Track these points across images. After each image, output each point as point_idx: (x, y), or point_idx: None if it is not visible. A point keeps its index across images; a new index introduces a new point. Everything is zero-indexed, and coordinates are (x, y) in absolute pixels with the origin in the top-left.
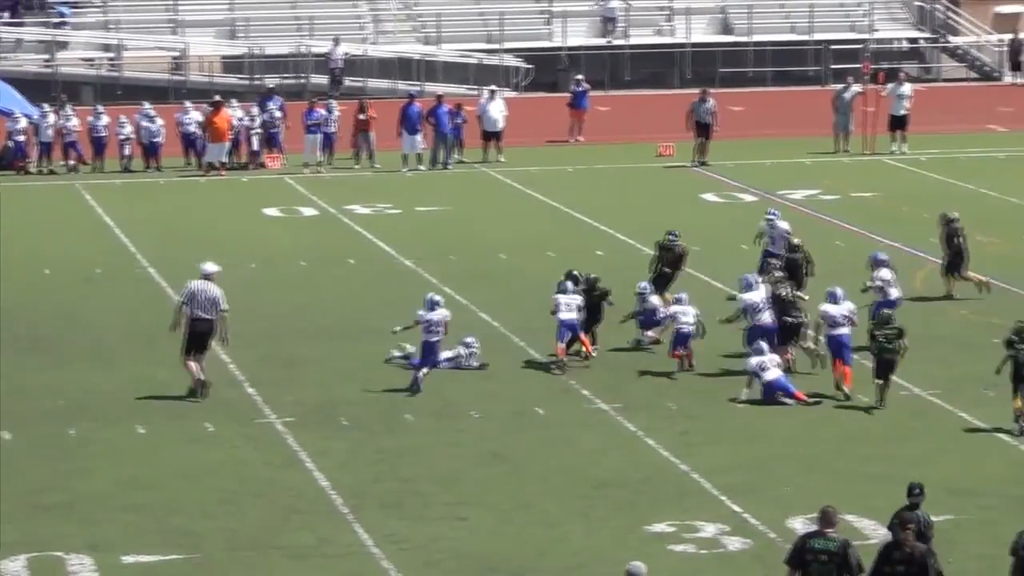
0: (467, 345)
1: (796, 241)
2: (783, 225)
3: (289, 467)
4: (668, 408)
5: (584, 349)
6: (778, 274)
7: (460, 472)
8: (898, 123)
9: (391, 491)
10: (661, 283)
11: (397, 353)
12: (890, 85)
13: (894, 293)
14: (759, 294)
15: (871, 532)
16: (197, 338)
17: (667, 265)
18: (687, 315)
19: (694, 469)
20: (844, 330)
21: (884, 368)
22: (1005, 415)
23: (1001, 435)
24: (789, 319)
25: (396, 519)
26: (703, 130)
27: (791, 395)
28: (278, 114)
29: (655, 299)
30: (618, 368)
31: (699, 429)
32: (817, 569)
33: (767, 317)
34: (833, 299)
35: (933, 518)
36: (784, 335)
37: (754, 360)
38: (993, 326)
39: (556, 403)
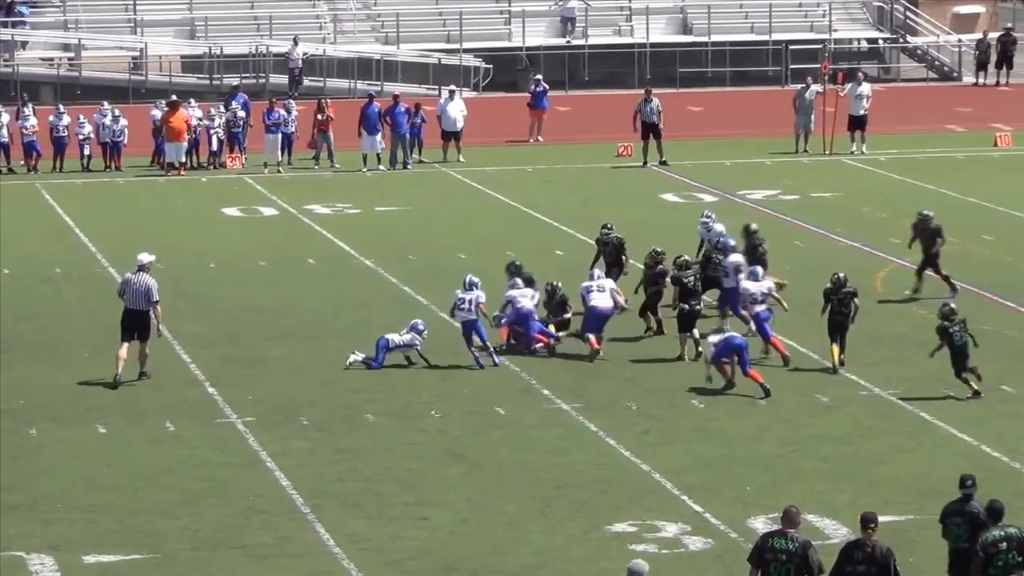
0: (420, 332)
1: (753, 226)
2: (718, 228)
3: (250, 467)
4: (628, 408)
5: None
6: (684, 258)
7: (420, 472)
8: (857, 123)
9: (352, 491)
10: (614, 277)
11: (358, 357)
12: (849, 85)
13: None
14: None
15: (832, 532)
16: (129, 328)
17: (607, 258)
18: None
19: (655, 469)
20: (761, 307)
21: (837, 331)
22: (965, 414)
23: (961, 434)
24: (687, 307)
25: (357, 519)
26: (650, 130)
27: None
28: (241, 113)
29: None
30: (579, 368)
31: (660, 429)
32: (776, 568)
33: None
34: (754, 276)
35: (894, 517)
36: (683, 322)
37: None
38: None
39: (516, 403)
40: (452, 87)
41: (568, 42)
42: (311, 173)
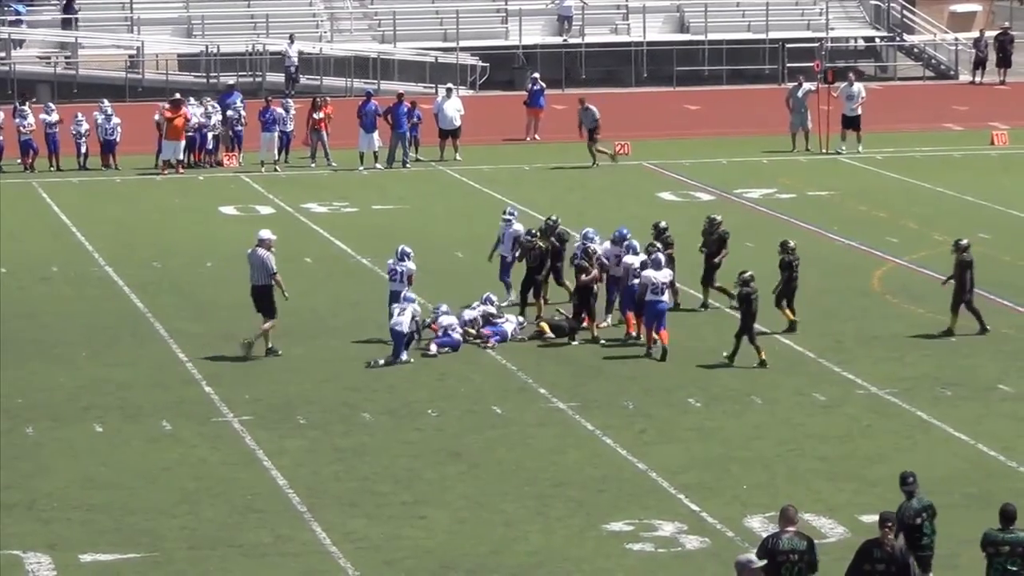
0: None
1: (718, 218)
2: (518, 227)
3: (247, 466)
4: (626, 407)
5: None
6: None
7: (418, 471)
8: (849, 123)
9: (349, 490)
10: (555, 275)
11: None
12: (841, 85)
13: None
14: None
15: (829, 531)
16: (255, 301)
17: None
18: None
19: (652, 468)
20: (663, 297)
21: (790, 296)
22: (962, 414)
23: (958, 433)
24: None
25: (354, 517)
26: (591, 134)
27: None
28: (243, 112)
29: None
30: (576, 367)
31: (657, 428)
32: (788, 569)
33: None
34: (657, 266)
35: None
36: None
37: None
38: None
39: (513, 402)
40: (449, 85)
41: (565, 40)
42: (308, 172)
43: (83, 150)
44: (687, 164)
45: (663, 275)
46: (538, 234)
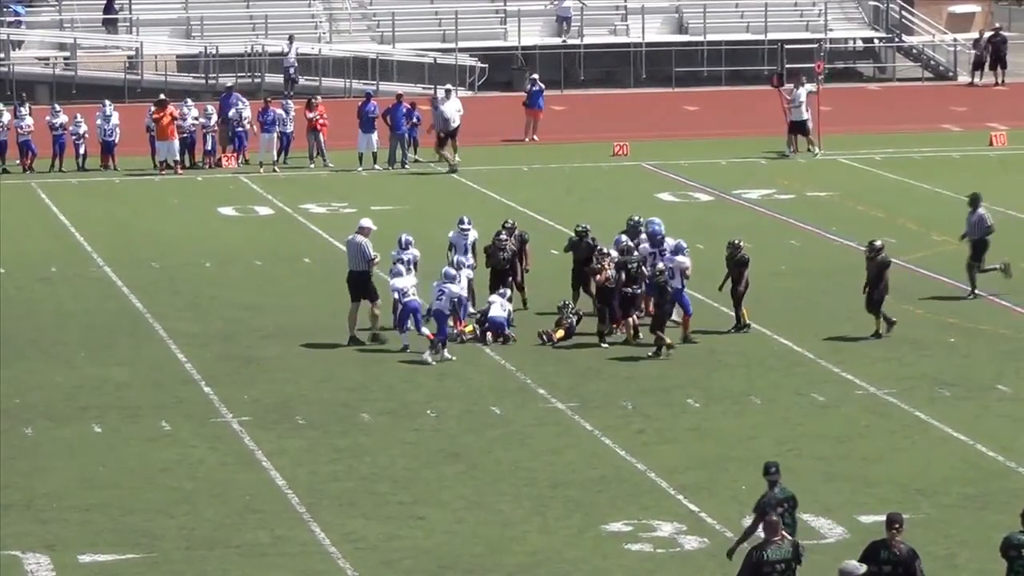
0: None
1: (739, 241)
2: (474, 235)
3: (245, 466)
4: (624, 407)
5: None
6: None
7: (416, 471)
8: (796, 128)
9: (347, 490)
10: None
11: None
12: (789, 86)
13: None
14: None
15: (827, 531)
16: (353, 289)
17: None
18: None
19: (650, 468)
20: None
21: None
22: (960, 413)
23: (956, 433)
24: (629, 291)
25: (352, 518)
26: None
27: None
28: (247, 113)
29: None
30: (575, 367)
31: (655, 428)
32: None
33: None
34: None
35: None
36: (624, 305)
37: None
38: (948, 325)
39: (512, 402)
40: (448, 86)
41: (564, 41)
42: (307, 172)
43: (82, 151)
44: (686, 165)
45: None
46: (506, 236)
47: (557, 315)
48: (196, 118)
